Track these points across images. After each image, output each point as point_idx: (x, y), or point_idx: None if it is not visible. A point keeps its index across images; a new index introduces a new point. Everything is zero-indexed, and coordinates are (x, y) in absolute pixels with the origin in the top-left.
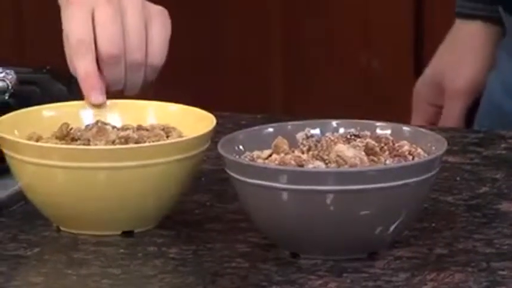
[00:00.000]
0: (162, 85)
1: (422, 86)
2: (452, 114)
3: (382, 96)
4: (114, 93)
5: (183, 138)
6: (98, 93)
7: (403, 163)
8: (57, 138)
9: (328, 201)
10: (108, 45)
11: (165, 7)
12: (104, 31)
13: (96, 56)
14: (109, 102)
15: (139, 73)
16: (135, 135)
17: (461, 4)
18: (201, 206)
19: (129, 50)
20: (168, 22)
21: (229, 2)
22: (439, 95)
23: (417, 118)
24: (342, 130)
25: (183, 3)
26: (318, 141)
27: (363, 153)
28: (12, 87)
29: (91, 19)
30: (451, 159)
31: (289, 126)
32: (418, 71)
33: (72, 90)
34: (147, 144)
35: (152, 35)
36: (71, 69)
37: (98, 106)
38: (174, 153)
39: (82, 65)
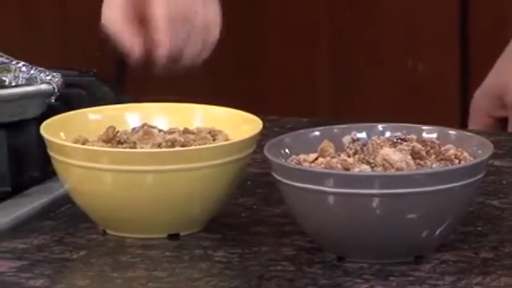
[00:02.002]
0: (209, 88)
1: (481, 96)
2: None
3: (428, 100)
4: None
5: (229, 142)
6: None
7: (449, 167)
8: (103, 141)
9: (374, 204)
10: (175, 7)
11: None
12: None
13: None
14: (156, 105)
15: (198, 42)
16: (182, 139)
17: None
18: (247, 209)
19: (191, 16)
20: (218, 5)
21: (276, 4)
22: (499, 108)
23: (474, 128)
24: (388, 134)
25: (229, 5)
26: (364, 144)
27: (409, 156)
28: (58, 90)
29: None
30: (497, 162)
31: (336, 130)
32: (464, 74)
33: (118, 93)
34: (193, 147)
35: (209, 11)
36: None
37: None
38: (220, 157)
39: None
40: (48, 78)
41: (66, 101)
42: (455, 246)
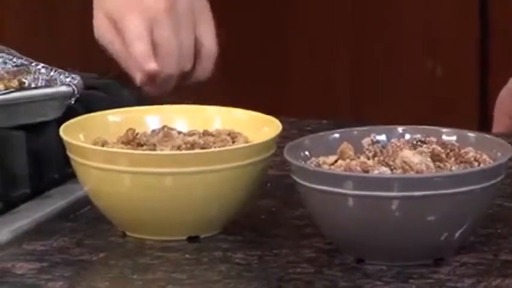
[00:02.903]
0: (229, 91)
1: (505, 98)
2: None
3: (447, 102)
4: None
5: (249, 144)
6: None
7: (469, 169)
8: (122, 143)
9: (394, 207)
10: (165, 65)
11: (232, 13)
12: (162, 50)
13: None
14: (175, 107)
15: (189, 79)
16: (201, 141)
17: None
18: (267, 212)
19: (182, 64)
20: (210, 14)
21: (297, 6)
22: None
23: (498, 129)
24: (407, 136)
25: (250, 8)
26: (384, 147)
27: (429, 159)
28: (78, 92)
29: (151, 31)
30: None
31: (355, 132)
32: (483, 76)
33: (138, 96)
34: (212, 149)
35: (201, 33)
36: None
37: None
38: (239, 159)
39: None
40: (67, 80)
41: (85, 102)
42: (474, 248)
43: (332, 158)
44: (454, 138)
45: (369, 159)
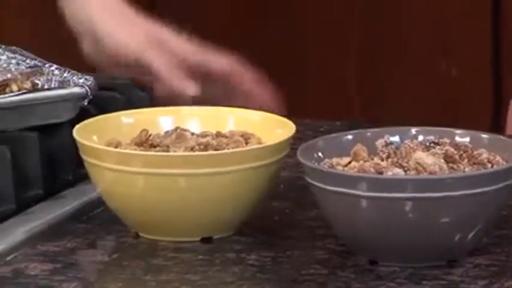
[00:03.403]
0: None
1: None
2: None
3: (461, 104)
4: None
5: (262, 145)
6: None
7: (482, 171)
8: (136, 144)
9: (407, 208)
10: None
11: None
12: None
13: None
14: (189, 108)
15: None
16: (214, 142)
17: None
18: (280, 213)
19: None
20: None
21: (309, 8)
22: None
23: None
24: (421, 137)
25: (262, 11)
26: (397, 148)
27: (442, 160)
28: (91, 93)
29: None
30: None
31: (369, 134)
32: (497, 78)
33: (151, 97)
34: (226, 151)
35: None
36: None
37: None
38: (253, 160)
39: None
40: (81, 81)
41: (99, 104)
42: (488, 250)
43: (346, 160)
44: (467, 139)
45: (382, 160)
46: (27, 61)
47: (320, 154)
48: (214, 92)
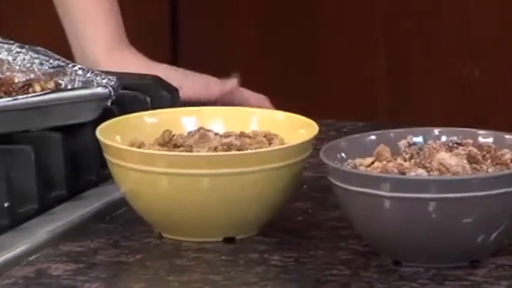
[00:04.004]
0: (266, 93)
1: None
2: None
3: (484, 105)
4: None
5: (285, 146)
6: None
7: (506, 171)
8: (159, 144)
9: (430, 209)
10: None
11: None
12: None
13: None
14: (212, 109)
15: None
16: (238, 142)
17: None
18: (303, 213)
19: None
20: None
21: (335, 8)
22: None
23: None
24: (444, 138)
25: (285, 10)
26: (421, 149)
27: (465, 161)
28: (114, 93)
29: None
30: None
31: (392, 134)
32: None
33: (175, 97)
34: (249, 151)
35: None
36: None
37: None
38: (276, 161)
39: None
40: (104, 81)
41: (122, 104)
42: (510, 250)
43: (368, 160)
44: (490, 140)
45: (405, 161)
46: (51, 61)
47: (343, 154)
48: None
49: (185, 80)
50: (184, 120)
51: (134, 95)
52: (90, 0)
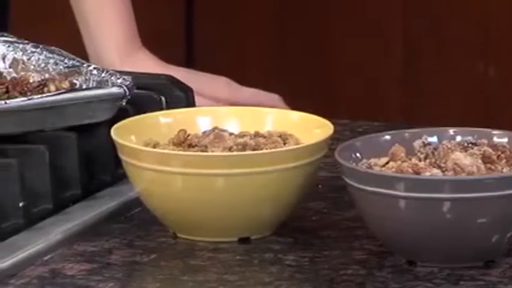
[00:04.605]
0: (281, 92)
1: None
2: None
3: (499, 104)
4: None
5: (300, 146)
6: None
7: None
8: (174, 144)
9: (445, 209)
10: None
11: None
12: None
13: None
14: (227, 108)
15: None
16: (252, 142)
17: None
18: (318, 213)
19: None
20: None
21: (351, 9)
22: None
23: None
24: (459, 138)
25: (299, 11)
26: (435, 149)
27: (480, 161)
28: (129, 93)
29: None
30: None
31: (407, 134)
32: None
33: (189, 97)
34: (264, 151)
35: None
36: None
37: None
38: (291, 160)
39: None
40: (119, 81)
41: (137, 104)
42: None
43: (383, 160)
44: (505, 140)
45: (420, 161)
46: (65, 61)
47: (358, 154)
48: None
49: (197, 83)
50: (199, 120)
51: (149, 95)
52: (103, 2)
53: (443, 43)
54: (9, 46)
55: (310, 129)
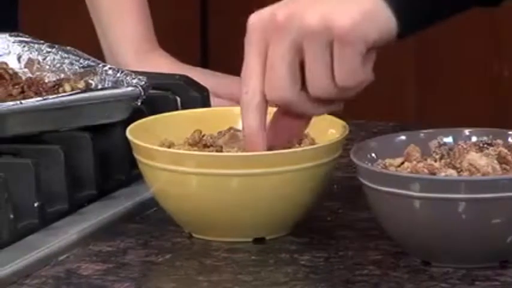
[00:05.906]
0: None
1: None
2: None
3: None
4: None
5: (315, 146)
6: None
7: None
8: (189, 144)
9: (460, 209)
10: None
11: None
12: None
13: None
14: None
15: None
16: None
17: None
18: (333, 213)
19: None
20: None
21: None
22: None
23: None
24: (474, 138)
25: None
26: (451, 149)
27: (496, 161)
28: (144, 93)
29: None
30: None
31: (422, 134)
32: None
33: (204, 97)
34: (279, 151)
35: None
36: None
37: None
38: (306, 161)
39: (247, 120)
40: (134, 81)
41: (152, 104)
42: None
43: (398, 160)
44: None
45: (435, 161)
46: (81, 61)
47: (373, 155)
48: None
49: (212, 84)
50: (215, 120)
51: (164, 95)
52: (119, 1)
53: (457, 43)
54: (24, 46)
55: (326, 129)
